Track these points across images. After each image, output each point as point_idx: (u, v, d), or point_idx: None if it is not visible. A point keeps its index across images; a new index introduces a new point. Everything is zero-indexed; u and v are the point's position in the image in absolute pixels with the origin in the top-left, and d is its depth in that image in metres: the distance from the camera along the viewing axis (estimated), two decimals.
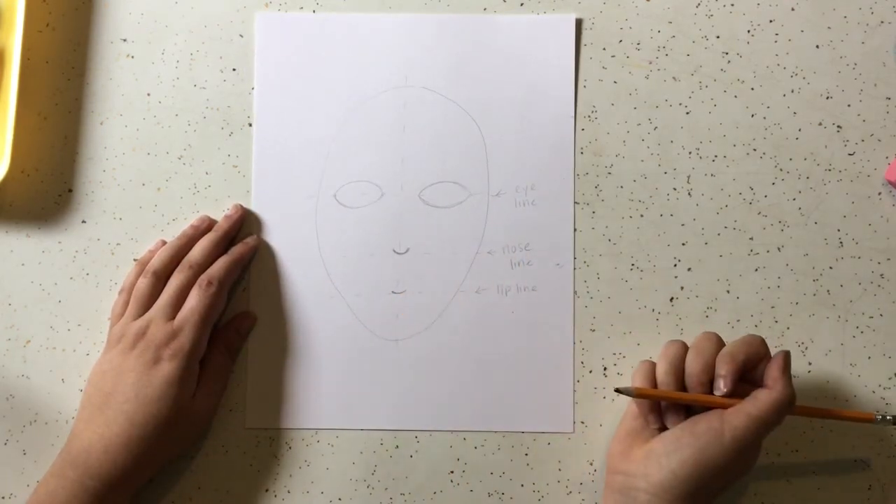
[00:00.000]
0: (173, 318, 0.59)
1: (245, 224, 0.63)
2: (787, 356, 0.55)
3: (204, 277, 0.59)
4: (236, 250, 0.61)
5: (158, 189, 0.63)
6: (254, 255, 0.62)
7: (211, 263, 0.60)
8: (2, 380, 0.62)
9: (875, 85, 0.63)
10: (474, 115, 0.63)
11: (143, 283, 0.60)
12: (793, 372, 0.61)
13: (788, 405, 0.54)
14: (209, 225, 0.62)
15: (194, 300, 0.59)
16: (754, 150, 0.63)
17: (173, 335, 0.58)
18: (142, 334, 0.58)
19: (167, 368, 0.57)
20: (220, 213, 0.63)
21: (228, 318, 0.62)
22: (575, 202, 0.63)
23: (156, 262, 0.60)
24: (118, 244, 0.63)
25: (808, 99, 0.63)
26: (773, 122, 0.63)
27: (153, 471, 0.58)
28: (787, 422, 0.61)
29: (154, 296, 0.60)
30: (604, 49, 0.64)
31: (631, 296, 0.62)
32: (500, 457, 0.61)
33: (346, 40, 0.63)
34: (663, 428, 0.57)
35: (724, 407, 0.55)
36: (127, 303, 0.60)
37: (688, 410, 0.57)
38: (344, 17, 0.64)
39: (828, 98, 0.63)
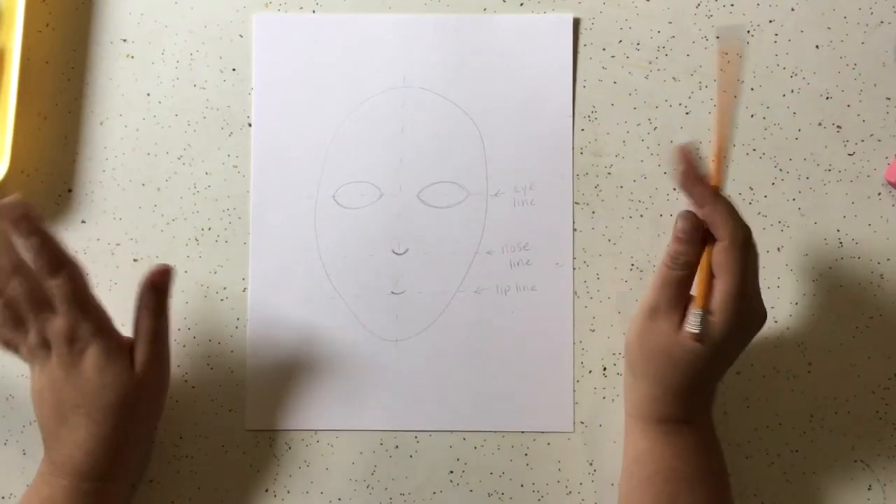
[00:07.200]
0: (49, 312, 0.55)
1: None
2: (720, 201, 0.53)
3: (38, 267, 0.54)
4: (22, 222, 0.54)
5: (158, 189, 0.63)
6: (31, 211, 0.54)
7: (12, 252, 0.55)
8: (2, 380, 0.62)
9: (875, 85, 0.63)
10: (473, 116, 0.63)
11: None
12: (793, 372, 0.62)
13: (748, 241, 0.53)
14: None
15: (55, 289, 0.54)
16: (754, 150, 0.63)
17: (68, 327, 0.54)
18: (43, 343, 0.55)
19: (88, 358, 0.55)
20: (219, 213, 0.63)
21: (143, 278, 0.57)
22: (574, 202, 0.63)
23: None
24: (118, 244, 0.63)
25: (807, 99, 0.63)
26: (773, 122, 0.63)
27: (142, 451, 0.59)
28: (787, 422, 0.61)
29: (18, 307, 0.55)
30: (603, 49, 0.63)
31: (631, 296, 0.62)
32: (500, 457, 0.61)
33: (344, 41, 0.63)
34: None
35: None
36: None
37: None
38: (342, 17, 0.64)
39: (828, 98, 0.63)
